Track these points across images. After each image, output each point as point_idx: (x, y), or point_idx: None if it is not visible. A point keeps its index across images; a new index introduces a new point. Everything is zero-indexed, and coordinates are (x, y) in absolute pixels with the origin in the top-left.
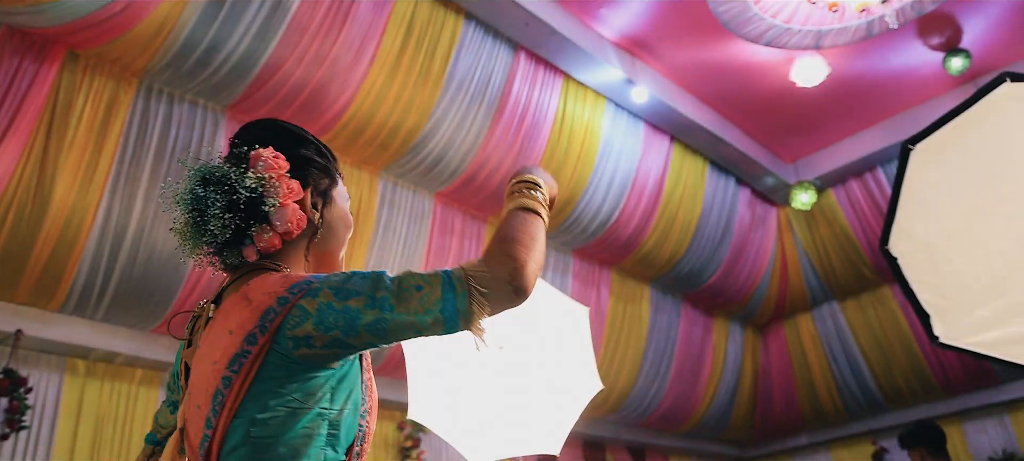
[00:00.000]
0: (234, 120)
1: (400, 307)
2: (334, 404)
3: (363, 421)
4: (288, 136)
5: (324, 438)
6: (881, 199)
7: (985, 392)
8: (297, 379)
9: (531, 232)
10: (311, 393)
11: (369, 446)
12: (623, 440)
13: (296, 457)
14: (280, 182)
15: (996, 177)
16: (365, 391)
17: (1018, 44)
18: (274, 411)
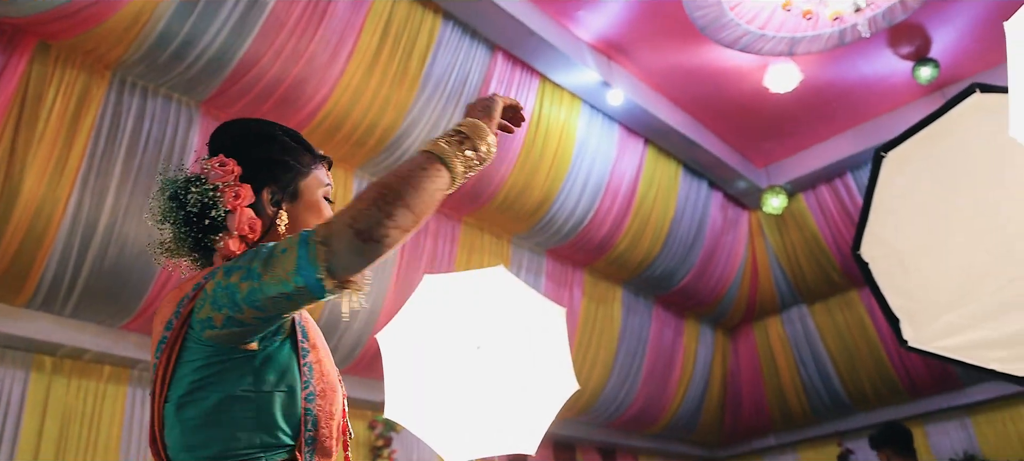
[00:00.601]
0: (208, 115)
1: (267, 275)
2: (259, 386)
3: (311, 404)
4: (247, 139)
5: (252, 420)
6: (850, 204)
7: (947, 395)
8: (212, 361)
9: (403, 173)
10: (227, 375)
11: (333, 430)
12: (594, 441)
13: (223, 439)
14: (226, 191)
15: (965, 185)
16: (309, 373)
17: (985, 55)
18: (195, 394)
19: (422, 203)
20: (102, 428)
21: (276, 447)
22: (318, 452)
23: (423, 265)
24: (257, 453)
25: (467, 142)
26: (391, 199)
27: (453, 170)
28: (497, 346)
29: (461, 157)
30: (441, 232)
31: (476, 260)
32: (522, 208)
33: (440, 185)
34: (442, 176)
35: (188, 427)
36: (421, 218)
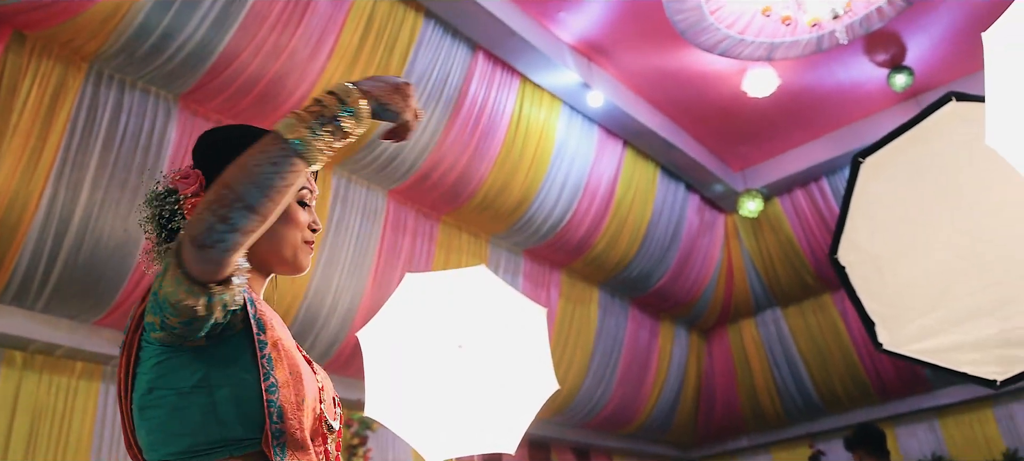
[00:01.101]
0: (186, 110)
1: (165, 283)
2: (212, 381)
3: (273, 396)
4: (213, 148)
5: (209, 416)
6: (825, 209)
7: (917, 398)
8: (163, 361)
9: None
10: (180, 372)
11: (304, 421)
12: (568, 440)
13: (183, 437)
14: (185, 202)
15: (940, 191)
16: (269, 364)
17: (958, 64)
18: (153, 394)
19: (266, 200)
20: (73, 425)
21: (239, 442)
22: (291, 446)
23: (401, 264)
24: (219, 448)
25: (324, 119)
26: (227, 201)
27: (307, 155)
28: (478, 345)
29: (319, 138)
30: (419, 231)
31: (454, 260)
32: (501, 208)
33: (288, 175)
34: (291, 165)
35: (151, 427)
36: (268, 215)
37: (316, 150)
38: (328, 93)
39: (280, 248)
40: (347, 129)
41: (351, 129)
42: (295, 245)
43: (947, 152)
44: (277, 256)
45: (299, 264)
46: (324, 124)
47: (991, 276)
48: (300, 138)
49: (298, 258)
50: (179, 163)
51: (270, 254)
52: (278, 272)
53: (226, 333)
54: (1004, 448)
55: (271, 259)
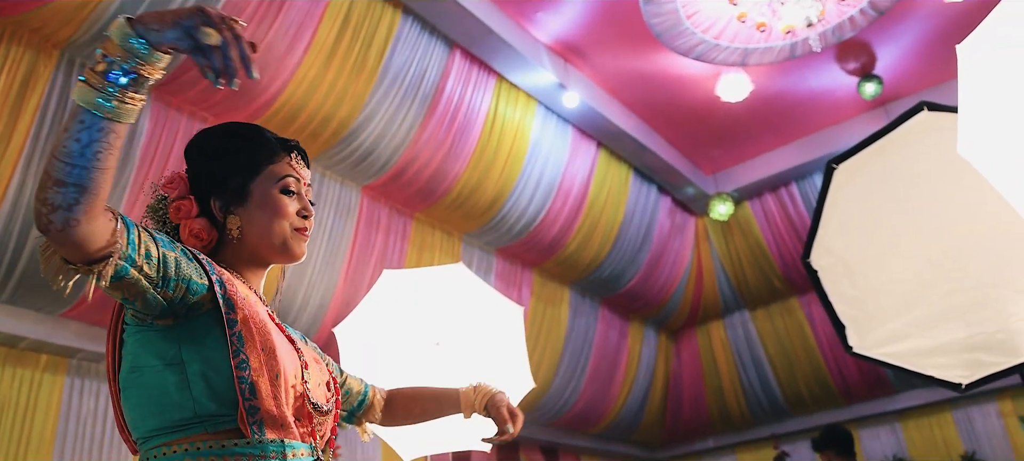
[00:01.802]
0: (160, 101)
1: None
2: (182, 359)
3: (244, 373)
4: (193, 151)
5: (182, 393)
6: (794, 213)
7: (880, 401)
8: (137, 340)
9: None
10: (152, 350)
11: (284, 398)
12: (537, 439)
13: (157, 415)
14: (170, 206)
15: (911, 199)
16: (239, 342)
17: (927, 74)
18: (132, 375)
19: (75, 170)
20: (37, 419)
21: (213, 417)
22: (268, 423)
23: (374, 260)
24: (194, 424)
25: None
26: (43, 184)
27: (107, 112)
28: (456, 343)
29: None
30: (392, 228)
31: (427, 257)
32: (474, 206)
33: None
34: (90, 129)
35: (131, 405)
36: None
37: (109, 101)
38: (105, 40)
39: (268, 239)
40: (137, 68)
41: (142, 68)
42: (283, 234)
43: (918, 160)
44: (267, 247)
45: (292, 252)
46: (105, 70)
47: (959, 281)
48: (86, 100)
49: (290, 246)
50: (152, 155)
51: (260, 246)
52: (275, 262)
53: (193, 313)
54: (962, 450)
55: (263, 250)
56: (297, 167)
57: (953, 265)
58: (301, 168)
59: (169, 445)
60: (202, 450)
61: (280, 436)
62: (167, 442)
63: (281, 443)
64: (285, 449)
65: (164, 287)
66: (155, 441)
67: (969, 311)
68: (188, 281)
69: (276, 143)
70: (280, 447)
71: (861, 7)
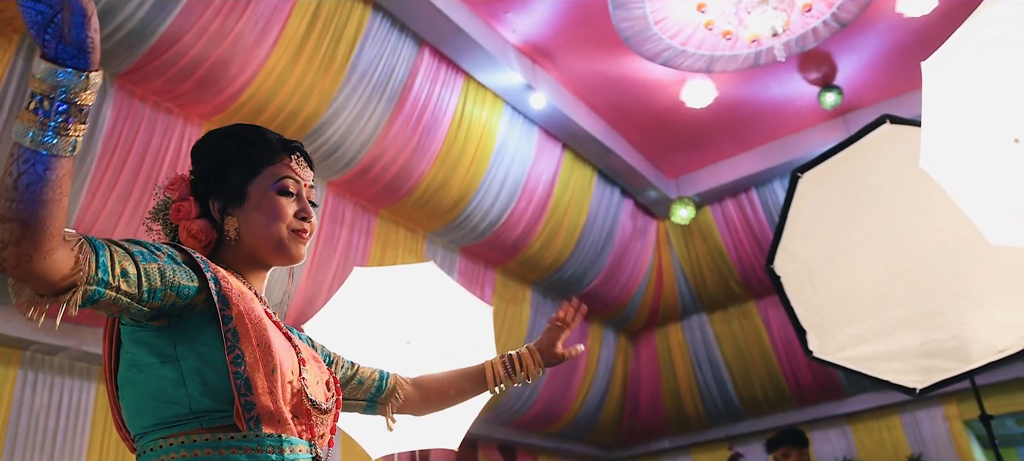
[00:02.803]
0: (123, 90)
1: None
2: (178, 355)
3: (239, 368)
4: (195, 152)
5: (178, 390)
6: (753, 219)
7: (831, 404)
8: (137, 336)
9: None
10: (149, 348)
11: (280, 395)
12: (496, 439)
13: (154, 412)
14: (171, 207)
15: (872, 208)
16: (234, 338)
17: (885, 86)
18: (129, 372)
19: (22, 207)
20: None
21: (208, 413)
22: (266, 419)
23: (337, 257)
24: (190, 419)
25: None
26: None
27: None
28: (426, 342)
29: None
30: (356, 224)
31: (391, 255)
32: (439, 205)
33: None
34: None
35: (129, 401)
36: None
37: (52, 137)
38: (32, 79)
39: (265, 240)
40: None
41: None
42: (280, 236)
43: (879, 171)
44: (264, 248)
45: (290, 254)
46: (38, 110)
47: (915, 290)
48: (21, 136)
49: (287, 248)
50: (114, 145)
51: (257, 247)
52: (274, 263)
53: (187, 312)
54: (909, 452)
55: (260, 252)
56: (298, 168)
57: (910, 274)
58: (302, 169)
59: (165, 438)
60: (198, 442)
61: (277, 431)
62: (163, 436)
63: (278, 438)
64: (282, 444)
65: (150, 299)
66: (151, 436)
67: (924, 319)
68: (177, 288)
69: (277, 144)
70: (277, 442)
71: (824, 19)
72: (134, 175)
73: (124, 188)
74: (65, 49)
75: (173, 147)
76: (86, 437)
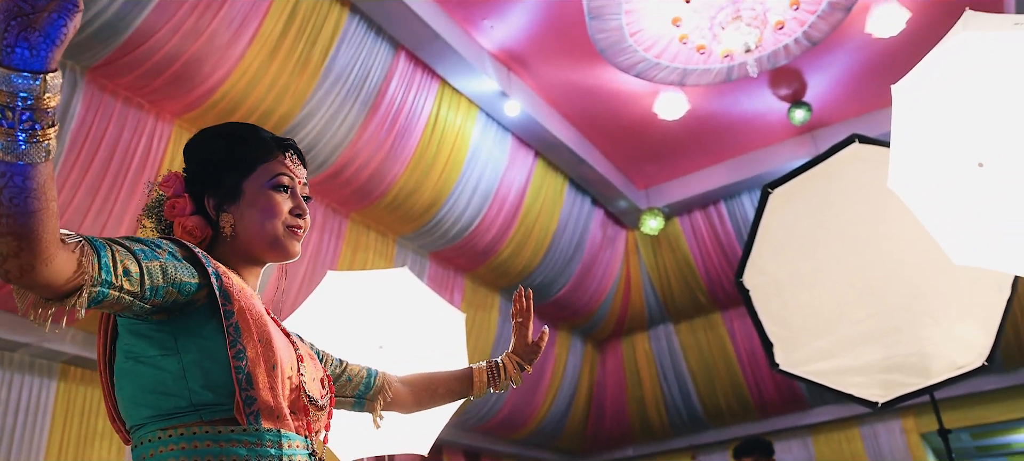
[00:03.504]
0: (94, 83)
1: None
2: (179, 349)
3: (241, 363)
4: (190, 150)
5: (178, 382)
6: (721, 231)
7: (794, 415)
8: (135, 328)
9: None
10: (148, 341)
11: (280, 390)
12: (461, 444)
13: (153, 404)
14: (165, 203)
15: (839, 225)
16: (236, 333)
17: (853, 104)
18: (126, 364)
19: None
20: None
21: (208, 406)
22: (265, 414)
23: (307, 259)
24: (189, 412)
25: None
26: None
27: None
28: (398, 347)
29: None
30: (327, 226)
31: (361, 258)
32: (411, 209)
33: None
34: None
35: (125, 393)
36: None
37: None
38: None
39: (260, 237)
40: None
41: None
42: (275, 232)
43: (847, 189)
44: (259, 245)
45: (285, 250)
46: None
47: (879, 305)
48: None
49: (283, 244)
50: (83, 139)
51: (252, 244)
52: (268, 260)
53: (188, 307)
54: None
55: (255, 248)
56: (292, 166)
57: (874, 290)
58: (296, 167)
59: (165, 430)
60: (198, 434)
61: (276, 426)
62: (162, 428)
63: (277, 433)
64: (281, 439)
65: (152, 297)
66: (149, 427)
67: (887, 334)
68: (179, 285)
69: (271, 141)
70: (276, 436)
71: (796, 36)
72: (103, 170)
73: (93, 183)
74: (22, 47)
75: (143, 143)
76: (45, 435)
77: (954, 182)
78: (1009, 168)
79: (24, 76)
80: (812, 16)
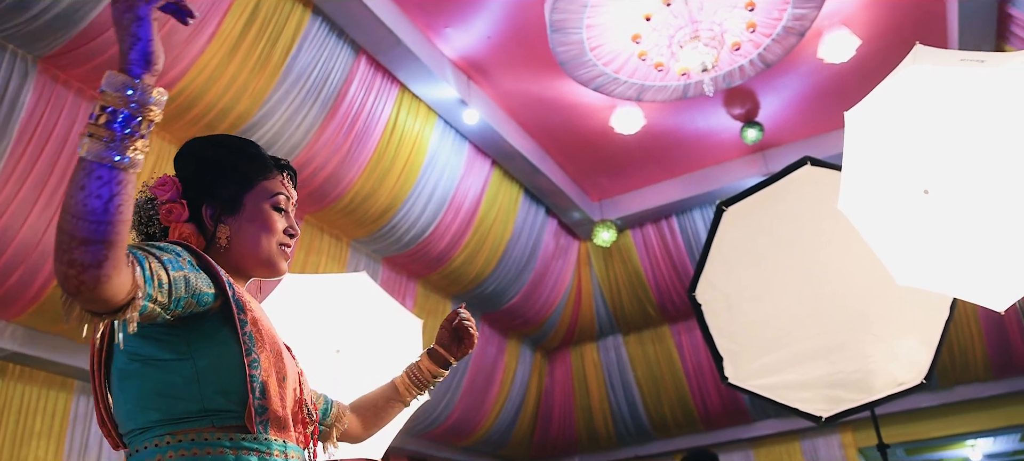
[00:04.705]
0: (46, 74)
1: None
2: (194, 354)
3: (255, 372)
4: (188, 158)
5: (192, 387)
6: (672, 245)
7: (736, 428)
8: (145, 332)
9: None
10: (162, 342)
11: (287, 401)
12: (407, 450)
13: (164, 408)
14: (161, 208)
15: (789, 244)
16: (250, 341)
17: (803, 125)
18: (132, 366)
19: (97, 225)
20: None
21: (220, 412)
22: (273, 423)
23: None
24: (200, 417)
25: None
26: (64, 245)
27: (115, 164)
28: (355, 351)
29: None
30: None
31: (313, 261)
32: (366, 213)
33: (104, 189)
34: (101, 180)
35: (130, 395)
36: (110, 238)
37: (116, 150)
38: (100, 93)
39: (254, 252)
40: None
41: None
42: (269, 249)
43: (798, 210)
44: (252, 259)
45: (276, 267)
46: (107, 120)
47: (825, 323)
48: (90, 149)
49: (275, 262)
50: (32, 129)
51: (245, 258)
52: (257, 275)
53: (204, 315)
54: None
55: (246, 264)
56: (288, 186)
57: (821, 308)
58: (291, 187)
59: (174, 434)
60: (210, 440)
61: (281, 437)
62: (171, 432)
63: (283, 444)
64: (287, 449)
65: (174, 308)
66: (157, 431)
67: (832, 351)
68: (198, 295)
69: (270, 160)
70: (283, 447)
71: (751, 58)
72: (52, 162)
73: (41, 174)
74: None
75: None
76: None
77: (900, 207)
78: (952, 196)
79: (139, 85)
80: (767, 39)
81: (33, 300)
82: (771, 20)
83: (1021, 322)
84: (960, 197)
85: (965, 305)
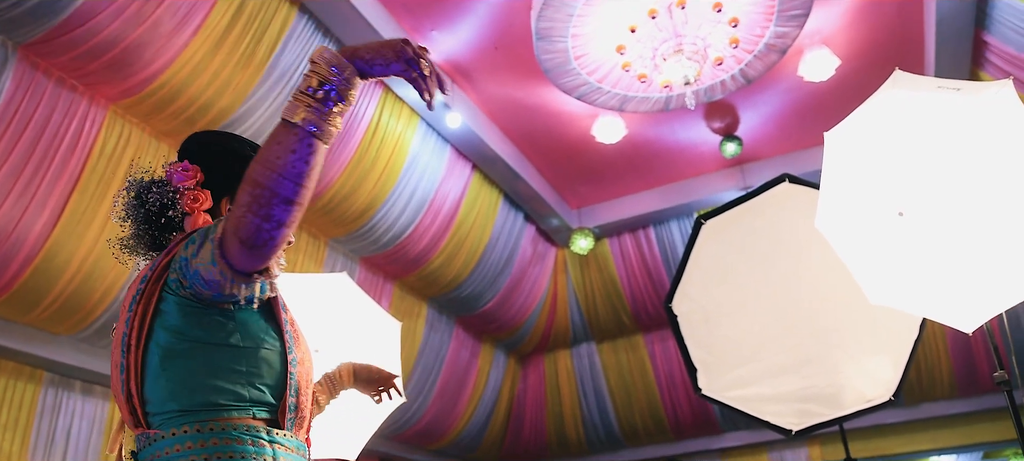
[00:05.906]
0: (26, 61)
1: (196, 258)
2: (245, 341)
3: (294, 370)
4: (211, 150)
5: (239, 372)
6: (649, 255)
7: (706, 438)
8: (191, 317)
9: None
10: (209, 330)
11: (309, 402)
12: (377, 452)
13: (209, 391)
14: (185, 195)
15: (765, 259)
16: (292, 341)
17: (781, 141)
18: (178, 346)
19: (300, 189)
20: None
21: (260, 404)
22: (298, 422)
23: None
24: (244, 406)
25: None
26: (265, 200)
27: (321, 133)
28: (334, 351)
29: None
30: None
31: (290, 259)
32: (345, 213)
33: (311, 158)
34: (310, 147)
35: (174, 375)
36: (304, 202)
37: (327, 125)
38: (313, 63)
39: None
40: (348, 94)
41: (349, 94)
42: None
43: (775, 226)
44: None
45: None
46: (324, 97)
47: (798, 338)
48: (306, 119)
49: (279, 258)
50: (10, 117)
51: None
52: None
53: (250, 305)
54: None
55: None
56: None
57: (795, 323)
58: None
59: (217, 421)
60: (252, 430)
61: (298, 436)
62: (214, 417)
63: (302, 443)
64: (302, 448)
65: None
66: (204, 415)
67: (805, 366)
68: None
69: None
70: (302, 447)
71: (733, 73)
72: (29, 150)
73: (17, 163)
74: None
75: (74, 126)
76: None
77: (876, 227)
78: (925, 218)
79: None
80: (749, 55)
81: (4, 289)
82: (754, 36)
83: (987, 343)
84: (933, 220)
85: (933, 325)
